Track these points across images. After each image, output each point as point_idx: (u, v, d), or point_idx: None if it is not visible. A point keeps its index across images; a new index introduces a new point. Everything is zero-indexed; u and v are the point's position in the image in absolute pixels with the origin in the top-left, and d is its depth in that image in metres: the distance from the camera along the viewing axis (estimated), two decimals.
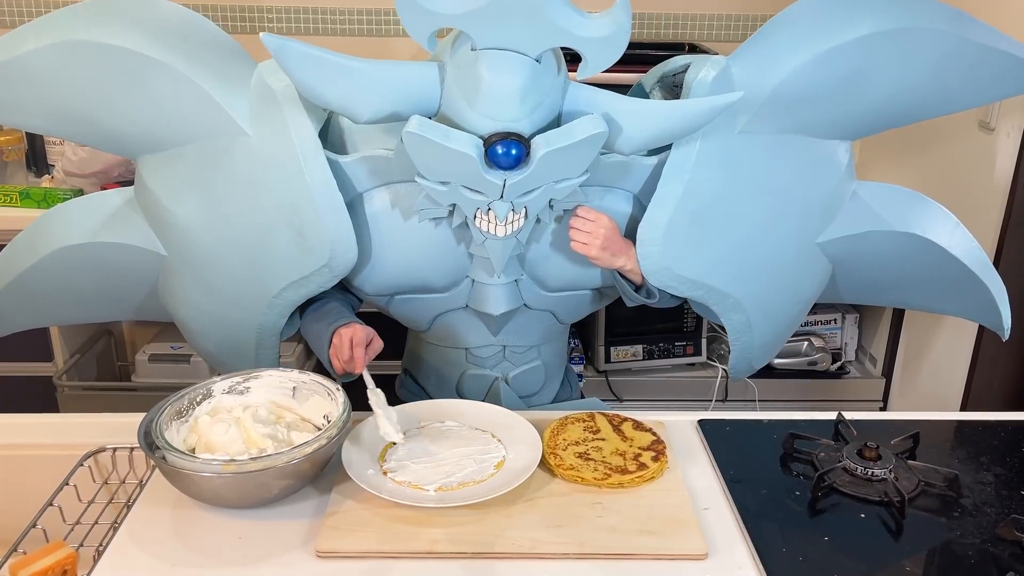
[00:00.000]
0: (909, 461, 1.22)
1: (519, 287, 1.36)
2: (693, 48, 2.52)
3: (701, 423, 1.33)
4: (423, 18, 1.08)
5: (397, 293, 1.39)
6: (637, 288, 1.35)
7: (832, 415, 1.33)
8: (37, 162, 2.40)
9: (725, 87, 1.23)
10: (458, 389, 1.49)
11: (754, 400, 2.35)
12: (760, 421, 1.35)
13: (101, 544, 1.06)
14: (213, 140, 1.24)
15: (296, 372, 1.24)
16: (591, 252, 1.27)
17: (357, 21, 2.56)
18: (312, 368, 2.41)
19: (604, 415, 1.30)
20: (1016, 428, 1.35)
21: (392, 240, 1.31)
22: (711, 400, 2.36)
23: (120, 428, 1.25)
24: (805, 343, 2.38)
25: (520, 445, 1.20)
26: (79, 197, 1.42)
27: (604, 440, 1.23)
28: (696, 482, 1.19)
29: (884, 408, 2.39)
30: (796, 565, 1.02)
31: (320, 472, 1.13)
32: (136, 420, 1.12)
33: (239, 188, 1.26)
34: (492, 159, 1.12)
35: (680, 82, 1.32)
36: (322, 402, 1.20)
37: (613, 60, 1.12)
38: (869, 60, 1.24)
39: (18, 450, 1.28)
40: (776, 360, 2.35)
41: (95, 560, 1.02)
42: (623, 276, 1.33)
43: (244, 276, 1.32)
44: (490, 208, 1.18)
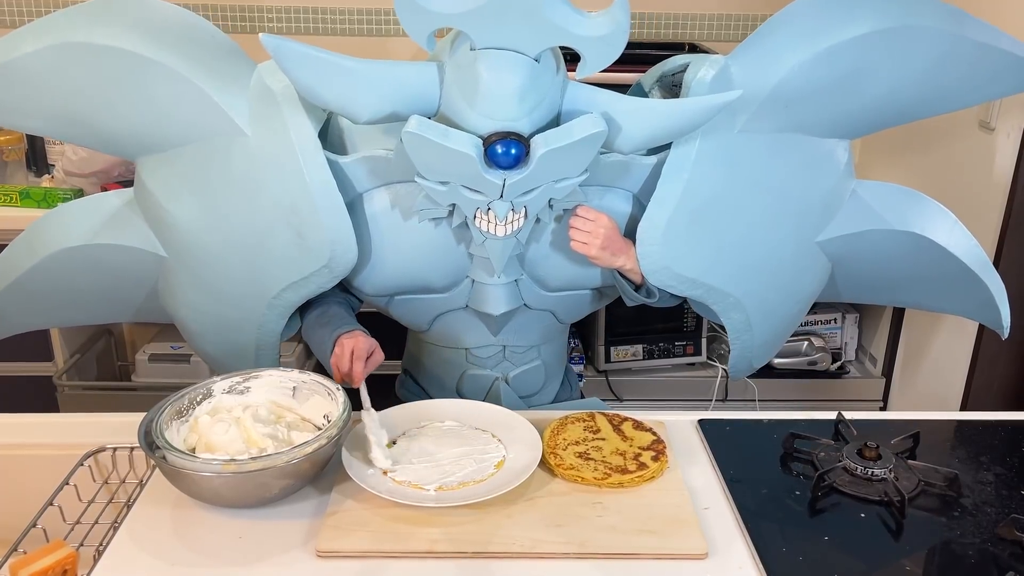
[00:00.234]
0: (909, 461, 1.22)
1: (519, 287, 1.37)
2: (693, 48, 2.52)
3: (701, 423, 1.33)
4: (422, 18, 1.08)
5: (397, 293, 1.39)
6: (637, 287, 1.35)
7: (832, 415, 1.33)
8: (37, 162, 2.40)
9: (724, 86, 1.23)
10: (458, 389, 1.49)
11: (754, 400, 2.36)
12: (760, 421, 1.35)
13: (101, 544, 1.06)
14: (212, 141, 1.24)
15: (296, 372, 1.24)
16: (591, 252, 1.27)
17: (356, 21, 2.57)
18: (312, 368, 2.42)
19: (604, 415, 1.30)
20: (1016, 428, 1.35)
21: (392, 240, 1.31)
22: (711, 400, 2.36)
23: (120, 428, 1.25)
24: (805, 343, 2.38)
25: (520, 445, 1.20)
26: (78, 199, 1.42)
27: (604, 440, 1.23)
28: (696, 482, 1.19)
29: (884, 408, 2.39)
30: (796, 565, 1.02)
31: (320, 472, 1.13)
32: (136, 420, 1.12)
33: (238, 188, 1.25)
34: (492, 158, 1.12)
35: (679, 82, 1.31)
36: (322, 402, 1.20)
37: (612, 59, 1.12)
38: (868, 58, 1.24)
39: (18, 450, 1.28)
40: (776, 360, 2.35)
41: (95, 560, 1.02)
42: (623, 276, 1.34)
43: (243, 277, 1.32)
44: (490, 208, 1.18)
